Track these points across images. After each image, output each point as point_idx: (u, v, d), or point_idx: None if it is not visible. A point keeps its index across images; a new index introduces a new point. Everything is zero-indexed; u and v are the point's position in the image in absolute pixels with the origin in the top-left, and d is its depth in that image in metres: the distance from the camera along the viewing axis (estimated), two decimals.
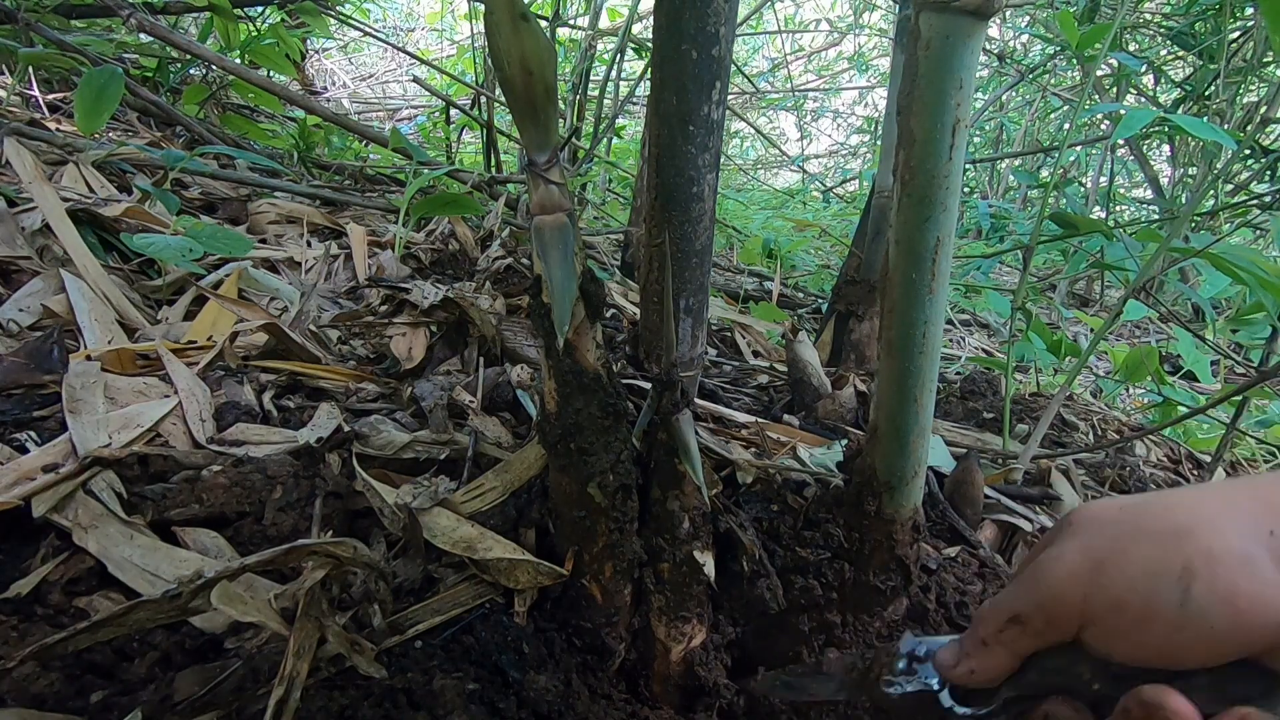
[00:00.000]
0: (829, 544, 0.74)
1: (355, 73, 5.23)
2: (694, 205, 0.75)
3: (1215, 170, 2.68)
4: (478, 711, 0.59)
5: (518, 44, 0.50)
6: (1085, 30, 1.23)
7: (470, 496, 0.75)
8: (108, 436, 0.76)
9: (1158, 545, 0.40)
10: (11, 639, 0.59)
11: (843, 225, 3.19)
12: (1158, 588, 0.39)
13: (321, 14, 2.60)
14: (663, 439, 0.68)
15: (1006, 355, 1.26)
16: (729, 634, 0.74)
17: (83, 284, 1.04)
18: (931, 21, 0.54)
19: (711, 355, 1.50)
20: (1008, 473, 1.05)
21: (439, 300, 1.18)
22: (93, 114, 1.53)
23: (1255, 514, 0.40)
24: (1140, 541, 0.41)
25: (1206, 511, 0.41)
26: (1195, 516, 0.41)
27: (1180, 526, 0.40)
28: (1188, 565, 0.39)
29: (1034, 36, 3.98)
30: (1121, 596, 0.41)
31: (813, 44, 6.21)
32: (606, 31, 2.71)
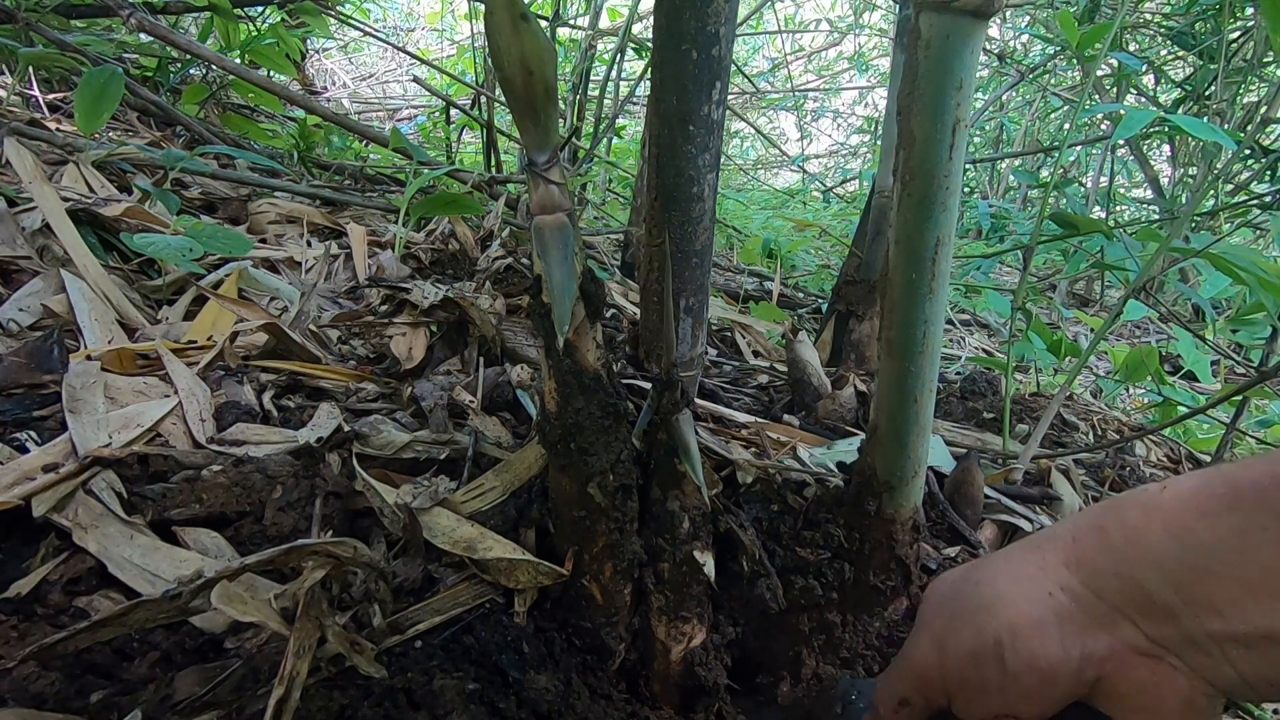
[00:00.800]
0: (829, 544, 0.74)
1: (355, 73, 5.23)
2: (694, 205, 0.75)
3: (1215, 170, 2.68)
4: (478, 711, 0.59)
5: (518, 44, 0.50)
6: (1085, 30, 1.23)
7: (470, 496, 0.75)
8: (108, 436, 0.76)
9: (973, 628, 0.46)
10: (11, 639, 0.59)
11: (843, 225, 3.19)
12: (981, 664, 0.45)
13: (321, 14, 2.60)
14: (663, 439, 0.68)
15: (1006, 355, 1.26)
16: (729, 634, 0.74)
17: (83, 284, 1.04)
18: (931, 21, 0.54)
19: (711, 355, 1.50)
20: (1008, 473, 1.05)
21: (439, 300, 1.18)
22: (93, 114, 1.53)
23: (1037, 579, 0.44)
24: (962, 623, 0.47)
25: (1001, 586, 0.46)
26: (995, 593, 0.46)
27: (985, 604, 0.46)
28: (997, 639, 0.44)
29: (1034, 36, 3.98)
30: (960, 674, 0.46)
31: (813, 44, 6.22)
32: (606, 31, 2.71)
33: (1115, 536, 0.42)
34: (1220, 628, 0.38)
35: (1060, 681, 0.42)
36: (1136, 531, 0.41)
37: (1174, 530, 0.40)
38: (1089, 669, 0.42)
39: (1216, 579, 0.38)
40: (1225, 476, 0.40)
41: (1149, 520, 0.41)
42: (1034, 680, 0.43)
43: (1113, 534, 0.43)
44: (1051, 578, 0.44)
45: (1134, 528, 0.42)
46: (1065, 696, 0.43)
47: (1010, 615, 0.44)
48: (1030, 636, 0.43)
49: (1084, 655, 0.42)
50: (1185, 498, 0.40)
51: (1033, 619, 0.43)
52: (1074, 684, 0.42)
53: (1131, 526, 0.42)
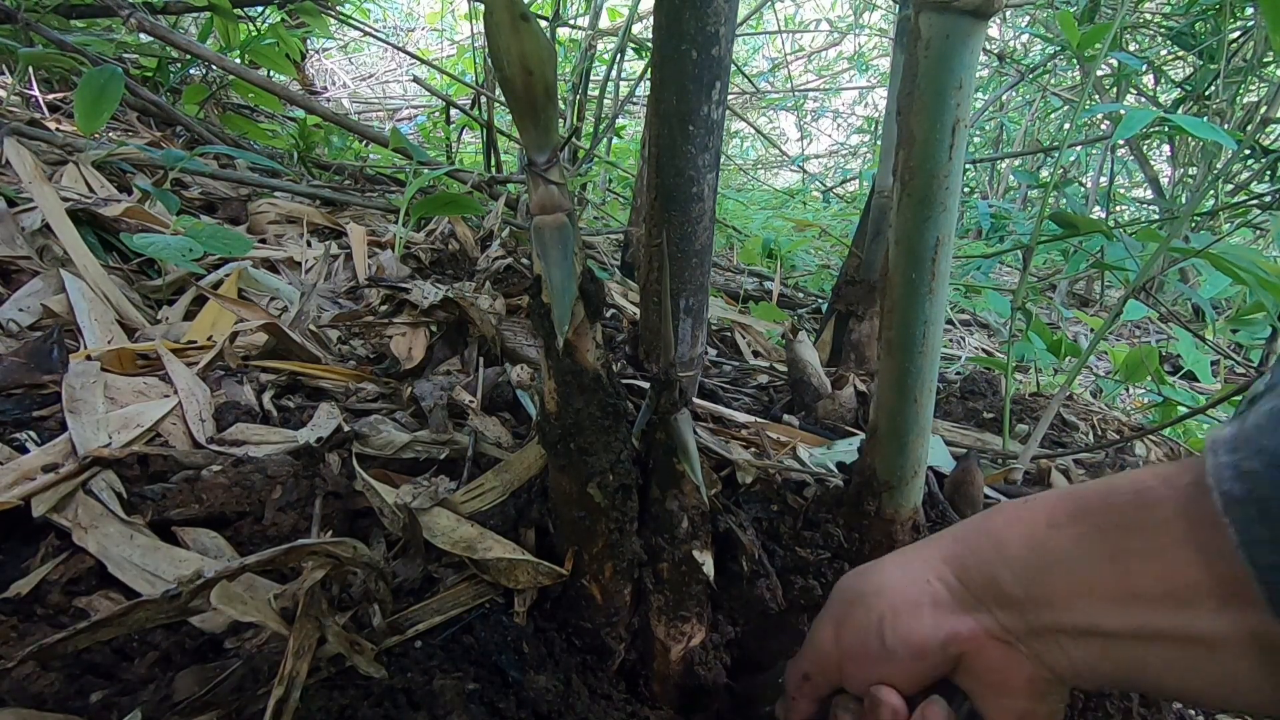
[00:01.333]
0: (829, 544, 0.74)
1: (355, 73, 5.23)
2: (694, 205, 0.75)
3: (1215, 170, 2.68)
4: (477, 711, 0.59)
5: (518, 44, 0.50)
6: (1085, 30, 1.23)
7: (470, 496, 0.75)
8: (108, 436, 0.76)
9: (864, 607, 0.53)
10: (11, 639, 0.59)
11: (843, 225, 3.19)
12: (866, 636, 0.52)
13: (321, 14, 2.60)
14: (661, 438, 0.68)
15: (1006, 355, 1.26)
16: (728, 634, 0.74)
17: (83, 284, 1.04)
18: (931, 21, 0.54)
19: (711, 355, 1.50)
20: (1008, 473, 1.05)
21: (439, 300, 1.18)
22: (93, 114, 1.53)
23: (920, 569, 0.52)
24: (856, 606, 0.54)
25: (890, 574, 0.54)
26: (884, 579, 0.53)
27: (875, 589, 0.53)
28: (880, 618, 0.51)
29: (1034, 36, 3.98)
30: (850, 646, 0.54)
31: (813, 44, 6.22)
32: (606, 31, 2.71)
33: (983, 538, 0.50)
34: (1054, 620, 0.45)
35: (929, 655, 0.49)
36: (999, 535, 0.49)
37: (1026, 536, 0.47)
38: (952, 646, 0.49)
39: (1054, 579, 0.44)
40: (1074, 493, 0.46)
41: (1010, 526, 0.48)
42: (907, 653, 0.50)
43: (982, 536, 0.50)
44: (931, 569, 0.51)
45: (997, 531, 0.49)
46: (933, 670, 0.50)
47: (893, 597, 0.52)
48: (907, 615, 0.50)
49: (949, 634, 0.49)
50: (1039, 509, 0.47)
51: (910, 600, 0.51)
52: (940, 659, 0.49)
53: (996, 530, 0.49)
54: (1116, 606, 0.42)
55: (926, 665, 0.50)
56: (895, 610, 0.51)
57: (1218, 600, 0.37)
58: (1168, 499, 0.40)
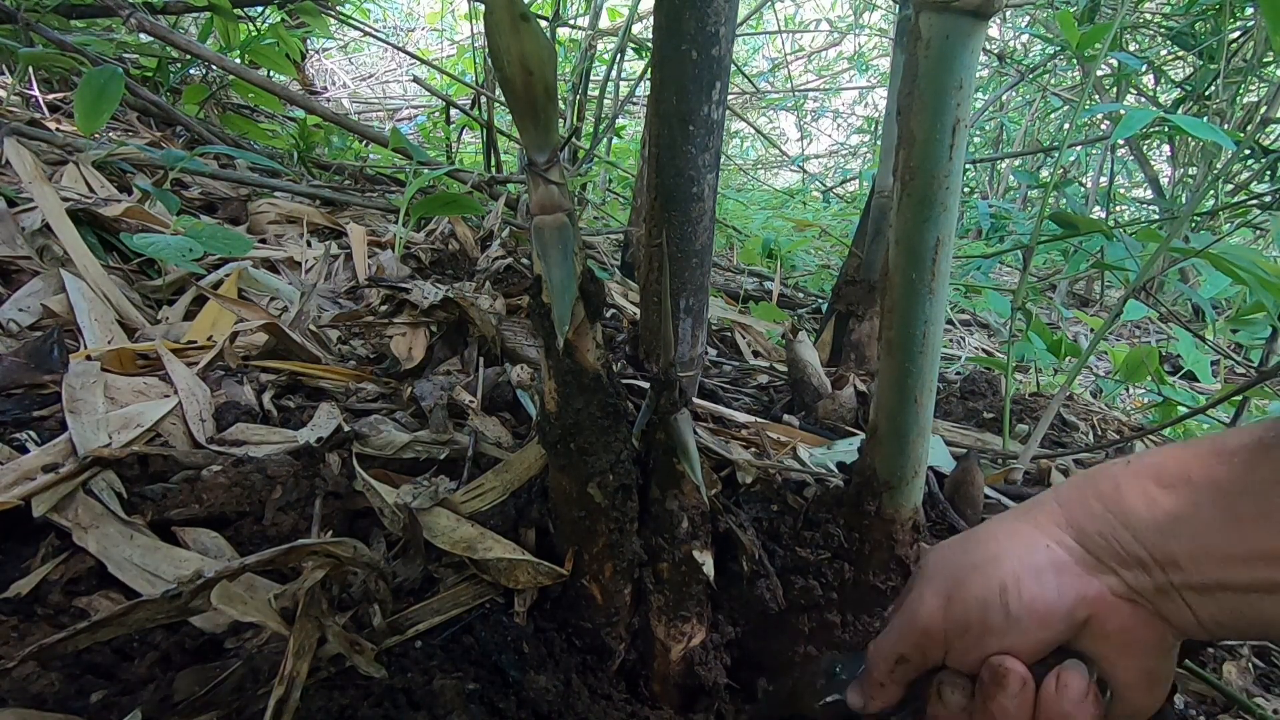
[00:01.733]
0: (829, 544, 0.74)
1: (355, 73, 5.23)
2: (694, 205, 0.75)
3: (1215, 170, 2.68)
4: (478, 711, 0.59)
5: (518, 44, 0.50)
6: (1085, 30, 1.23)
7: (470, 496, 0.75)
8: (108, 436, 0.76)
9: (981, 575, 0.52)
10: (11, 639, 0.59)
11: (843, 225, 3.19)
12: (988, 610, 0.50)
13: (321, 14, 2.60)
14: (661, 438, 0.68)
15: (1006, 355, 1.26)
16: (728, 634, 0.74)
17: (83, 284, 1.04)
18: (931, 21, 0.54)
19: (711, 355, 1.50)
20: (1008, 473, 1.05)
21: (439, 300, 1.18)
22: (93, 114, 1.53)
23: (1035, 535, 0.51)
24: (970, 574, 0.52)
25: (1004, 543, 0.52)
26: (1000, 547, 0.52)
27: (990, 557, 0.52)
28: (1002, 586, 0.50)
29: (1034, 36, 3.98)
30: (966, 620, 0.52)
31: (813, 44, 6.22)
32: (606, 31, 2.71)
33: (1096, 501, 0.50)
34: (1182, 579, 0.46)
35: (1055, 622, 0.49)
36: (1111, 497, 0.49)
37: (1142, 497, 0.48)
38: (1081, 610, 0.48)
39: (1177, 541, 0.45)
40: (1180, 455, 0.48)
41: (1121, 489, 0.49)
42: (1034, 621, 0.49)
43: (1091, 501, 0.50)
44: (1047, 535, 0.51)
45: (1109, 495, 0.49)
46: (1058, 636, 0.49)
47: (1013, 564, 0.50)
48: (1031, 581, 0.49)
49: (1077, 597, 0.48)
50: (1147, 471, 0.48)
51: (1034, 566, 0.50)
52: (1067, 624, 0.49)
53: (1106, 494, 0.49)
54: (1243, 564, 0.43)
55: (1052, 632, 0.49)
56: (1018, 577, 0.50)
57: None
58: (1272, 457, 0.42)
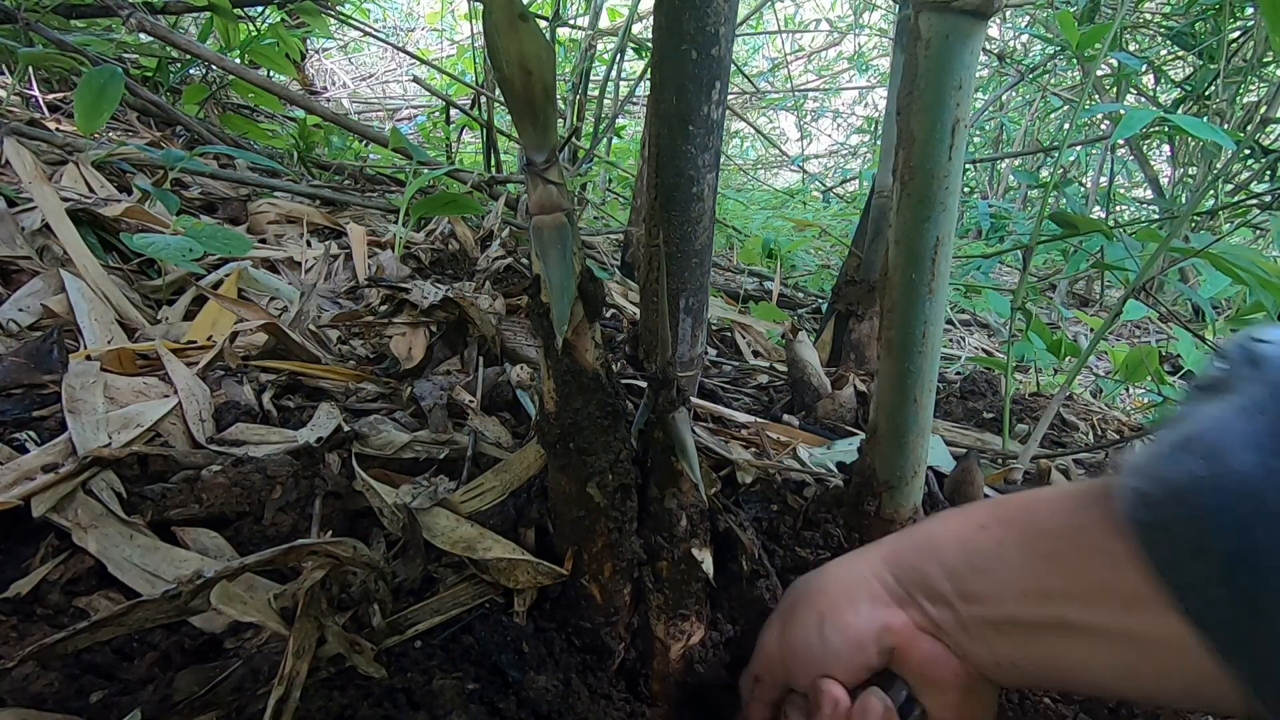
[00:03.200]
0: (829, 544, 0.74)
1: (355, 73, 5.23)
2: (694, 205, 0.75)
3: (1215, 170, 2.68)
4: (477, 711, 0.59)
5: (517, 44, 0.50)
6: (1085, 30, 1.23)
7: (470, 496, 0.75)
8: (107, 436, 0.76)
9: (806, 604, 0.57)
10: (11, 639, 0.59)
11: (843, 225, 3.19)
12: (808, 633, 0.55)
13: (321, 14, 2.60)
14: (659, 437, 0.68)
15: (1006, 355, 1.26)
16: (728, 633, 0.74)
17: (83, 284, 1.04)
18: (931, 21, 0.54)
19: (711, 355, 1.50)
20: (1008, 473, 1.05)
21: (439, 300, 1.18)
22: (93, 114, 1.53)
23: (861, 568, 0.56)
24: (799, 604, 0.58)
25: (835, 573, 0.57)
26: (828, 578, 0.57)
27: (819, 588, 0.57)
28: (820, 614, 0.55)
29: (1034, 36, 3.98)
30: (793, 644, 0.57)
31: (813, 44, 6.21)
32: (606, 31, 2.71)
33: (920, 538, 0.54)
34: (979, 614, 0.48)
35: (863, 648, 0.52)
36: (934, 536, 0.53)
37: (957, 537, 0.51)
38: (885, 638, 0.52)
39: (977, 575, 0.48)
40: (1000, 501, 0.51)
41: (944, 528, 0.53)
42: (844, 646, 0.53)
43: (919, 536, 0.55)
44: (870, 568, 0.55)
45: (933, 533, 0.53)
46: (870, 662, 0.53)
47: (833, 594, 0.55)
48: (845, 609, 0.54)
49: (881, 626, 0.52)
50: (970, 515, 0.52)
51: (848, 596, 0.54)
52: (875, 651, 0.52)
53: (932, 532, 0.54)
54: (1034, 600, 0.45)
55: (863, 658, 0.53)
56: (834, 605, 0.54)
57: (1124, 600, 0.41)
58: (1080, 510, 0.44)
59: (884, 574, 0.54)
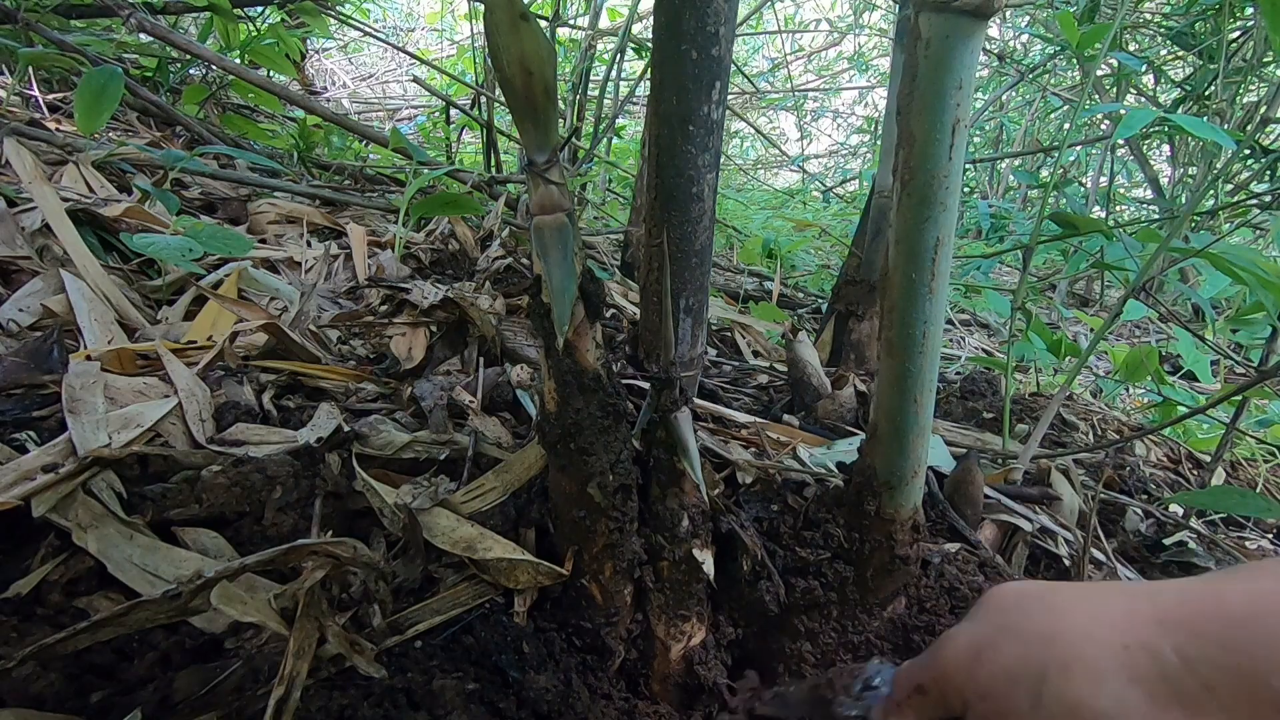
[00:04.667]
0: (829, 544, 0.74)
1: (355, 73, 5.23)
2: (694, 205, 0.75)
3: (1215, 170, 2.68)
4: (478, 711, 0.59)
5: (517, 44, 0.50)
6: (1085, 30, 1.23)
7: (470, 496, 0.75)
8: (107, 436, 0.76)
9: (1024, 646, 0.41)
10: (11, 639, 0.59)
11: (843, 225, 3.19)
12: (1015, 688, 0.40)
13: (321, 14, 2.60)
14: (661, 437, 0.68)
15: (1006, 355, 1.26)
16: (729, 634, 0.74)
17: (83, 284, 1.04)
18: (931, 21, 0.54)
19: (711, 355, 1.50)
20: (1008, 473, 1.05)
21: (439, 300, 1.18)
22: (93, 114, 1.53)
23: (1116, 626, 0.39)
24: (1012, 639, 0.42)
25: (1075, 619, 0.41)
26: (1064, 623, 0.41)
27: (1047, 631, 0.41)
28: (1042, 671, 0.39)
29: (1034, 36, 3.98)
30: (988, 688, 0.42)
31: (813, 44, 6.21)
32: (606, 31, 2.71)
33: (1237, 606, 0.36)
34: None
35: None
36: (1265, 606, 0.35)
37: None
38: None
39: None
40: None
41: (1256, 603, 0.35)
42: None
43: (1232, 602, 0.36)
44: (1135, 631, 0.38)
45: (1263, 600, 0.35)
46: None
47: (1069, 652, 0.39)
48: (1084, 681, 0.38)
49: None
50: None
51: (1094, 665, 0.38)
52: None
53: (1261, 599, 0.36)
54: None
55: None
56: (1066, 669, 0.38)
57: None
58: None
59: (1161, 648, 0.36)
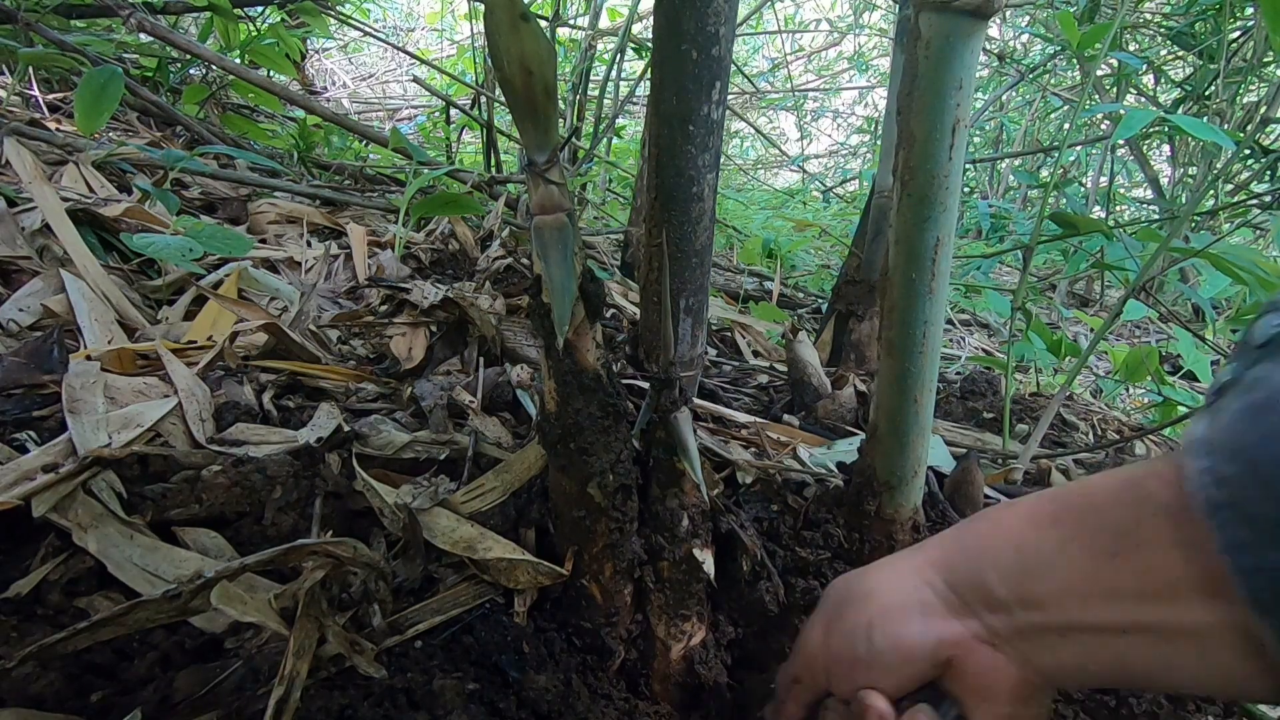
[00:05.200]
0: (829, 544, 0.74)
1: (355, 73, 5.23)
2: (694, 205, 0.75)
3: (1215, 170, 2.68)
4: (477, 711, 0.59)
5: (517, 44, 0.50)
6: (1085, 30, 1.23)
7: (470, 496, 0.75)
8: (108, 436, 0.76)
9: (853, 610, 0.54)
10: (11, 639, 0.59)
11: (843, 225, 3.19)
12: (854, 640, 0.52)
13: (321, 14, 2.60)
14: (661, 437, 0.68)
15: (1006, 355, 1.26)
16: (729, 634, 0.74)
17: (83, 284, 1.04)
18: (931, 21, 0.54)
19: (711, 355, 1.50)
20: (1008, 473, 1.05)
21: (439, 300, 1.18)
22: (93, 114, 1.53)
23: (909, 574, 0.52)
24: (845, 609, 0.54)
25: (884, 578, 0.54)
26: (874, 583, 0.54)
27: (867, 591, 0.54)
28: (870, 620, 0.52)
29: (1034, 36, 3.98)
30: (838, 650, 0.54)
31: (813, 44, 6.22)
32: (606, 31, 2.71)
33: (970, 542, 0.51)
34: (1042, 620, 0.45)
35: (916, 660, 0.49)
36: (984, 539, 0.50)
37: (1011, 540, 0.48)
38: (941, 651, 0.49)
39: (1040, 580, 0.45)
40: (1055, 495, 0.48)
41: (994, 530, 0.49)
42: (895, 657, 0.50)
43: (968, 540, 0.51)
44: (920, 575, 0.52)
45: (983, 536, 0.50)
46: (921, 674, 0.50)
47: (882, 600, 0.52)
48: (896, 618, 0.51)
49: (938, 638, 0.49)
50: (1022, 512, 0.48)
51: (899, 604, 0.51)
52: (928, 664, 0.49)
53: (981, 535, 0.50)
54: (1101, 602, 0.42)
55: (914, 670, 0.50)
56: (885, 613, 0.51)
57: (1201, 595, 0.38)
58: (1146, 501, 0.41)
59: (935, 581, 0.51)
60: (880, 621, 0.51)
